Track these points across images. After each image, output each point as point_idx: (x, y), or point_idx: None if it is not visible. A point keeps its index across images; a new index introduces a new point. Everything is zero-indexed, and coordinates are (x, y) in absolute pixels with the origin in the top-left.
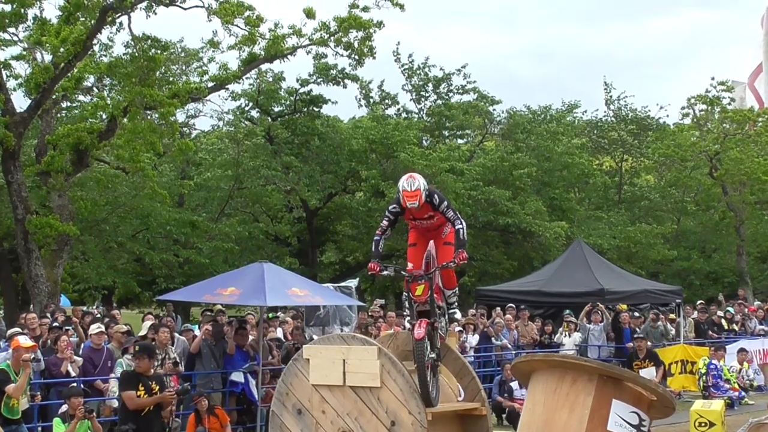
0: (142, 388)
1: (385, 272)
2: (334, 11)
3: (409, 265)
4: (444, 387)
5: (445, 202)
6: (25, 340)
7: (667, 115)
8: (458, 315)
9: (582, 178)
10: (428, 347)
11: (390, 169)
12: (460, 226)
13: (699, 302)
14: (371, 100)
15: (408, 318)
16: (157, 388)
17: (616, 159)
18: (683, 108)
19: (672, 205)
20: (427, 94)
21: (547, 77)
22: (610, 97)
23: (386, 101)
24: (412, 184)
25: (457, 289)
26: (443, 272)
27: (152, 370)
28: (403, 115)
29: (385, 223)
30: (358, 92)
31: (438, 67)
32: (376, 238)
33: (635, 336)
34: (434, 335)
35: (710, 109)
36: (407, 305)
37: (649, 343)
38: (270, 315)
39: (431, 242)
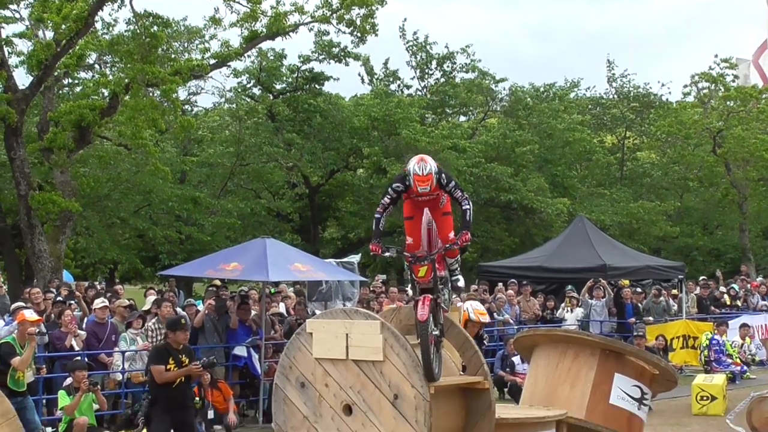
0: (173, 362)
1: (387, 254)
2: None
3: (409, 240)
4: (446, 361)
5: (453, 182)
6: (30, 314)
7: (669, 92)
8: (461, 282)
9: (584, 155)
10: (432, 324)
11: (392, 147)
12: (468, 206)
13: (701, 278)
14: (375, 77)
15: (411, 293)
16: (187, 360)
17: (618, 136)
18: (686, 86)
19: (674, 182)
20: (431, 72)
21: (550, 56)
22: (613, 74)
23: (389, 78)
24: (424, 168)
25: (459, 257)
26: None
27: (181, 344)
28: (406, 91)
29: (386, 200)
30: (361, 69)
31: (442, 44)
32: (377, 216)
33: (636, 333)
34: (437, 311)
35: (714, 87)
36: (411, 282)
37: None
38: (272, 290)
39: (426, 214)
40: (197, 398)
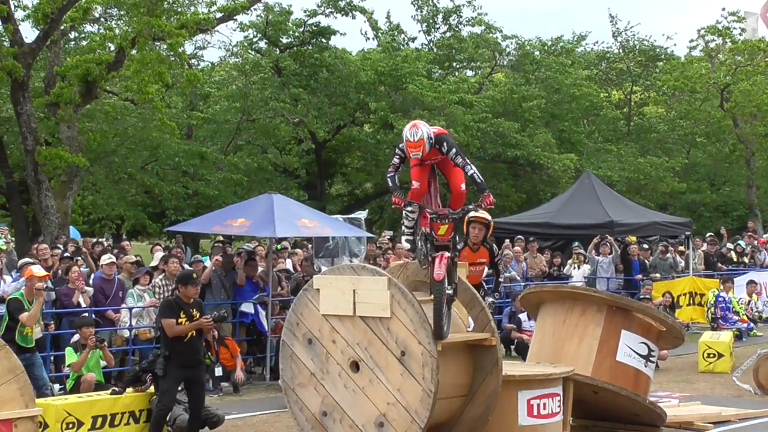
0: (184, 316)
1: (409, 208)
2: None
3: (415, 185)
4: (454, 318)
5: (454, 149)
6: (38, 270)
7: (675, 45)
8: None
9: (591, 110)
10: (446, 283)
11: (399, 101)
12: (472, 171)
13: (708, 234)
14: (379, 32)
15: (420, 252)
16: (198, 314)
17: (624, 90)
18: (692, 40)
19: (681, 137)
20: (437, 26)
21: (558, 7)
22: (617, 29)
23: (394, 32)
24: (415, 134)
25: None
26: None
27: (192, 299)
28: (412, 44)
29: (396, 160)
30: (365, 25)
31: None
32: (390, 174)
33: (641, 297)
34: (453, 269)
35: (721, 41)
36: (422, 240)
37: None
38: (278, 246)
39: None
40: (208, 354)
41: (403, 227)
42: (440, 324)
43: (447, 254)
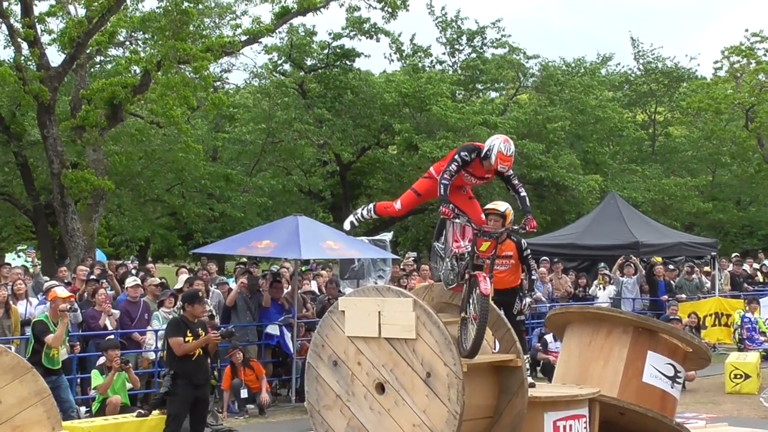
0: (190, 335)
1: (457, 220)
2: None
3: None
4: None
5: (511, 170)
6: (62, 291)
7: (698, 65)
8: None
9: (615, 131)
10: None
11: (423, 123)
12: (525, 193)
13: (734, 255)
14: (404, 53)
15: (450, 271)
16: (204, 333)
17: (648, 112)
18: (716, 61)
19: (706, 158)
20: (461, 48)
21: (580, 29)
22: (638, 51)
23: (418, 54)
24: (509, 148)
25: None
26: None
27: (196, 318)
28: (437, 67)
29: (454, 167)
30: (389, 48)
31: (472, 19)
32: (444, 182)
33: (671, 317)
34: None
35: (745, 61)
36: (454, 259)
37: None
38: (303, 268)
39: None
40: (214, 375)
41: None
42: (481, 340)
43: (486, 274)
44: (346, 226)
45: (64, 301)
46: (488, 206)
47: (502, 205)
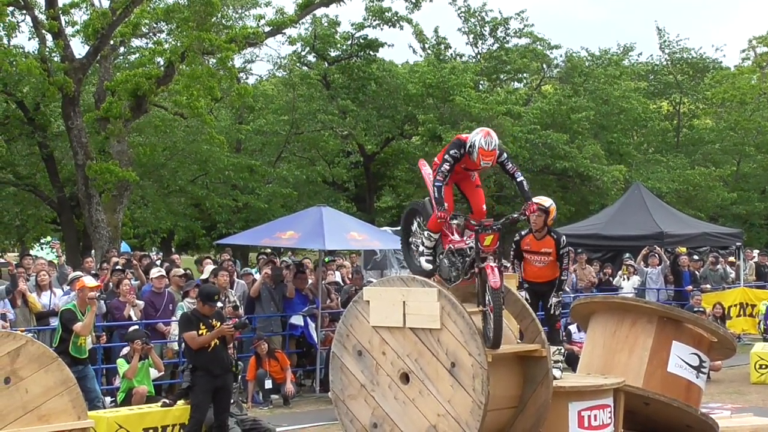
0: (204, 327)
1: (454, 221)
2: None
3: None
4: (504, 329)
5: (505, 154)
6: (89, 280)
7: (724, 56)
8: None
9: (640, 121)
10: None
11: (447, 113)
12: (522, 177)
13: (764, 248)
14: (427, 44)
15: (449, 270)
16: (219, 324)
17: (673, 102)
18: (743, 51)
19: (731, 148)
20: (484, 38)
21: (606, 19)
22: (664, 41)
23: (441, 46)
24: (491, 143)
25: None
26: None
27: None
28: (459, 59)
29: (446, 167)
30: (412, 38)
31: (496, 10)
32: (438, 184)
33: (696, 309)
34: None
35: None
36: (450, 256)
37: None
38: (327, 259)
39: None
40: (235, 363)
41: (421, 248)
42: (501, 331)
43: (494, 264)
44: (426, 267)
45: (92, 290)
46: (534, 199)
47: (546, 201)
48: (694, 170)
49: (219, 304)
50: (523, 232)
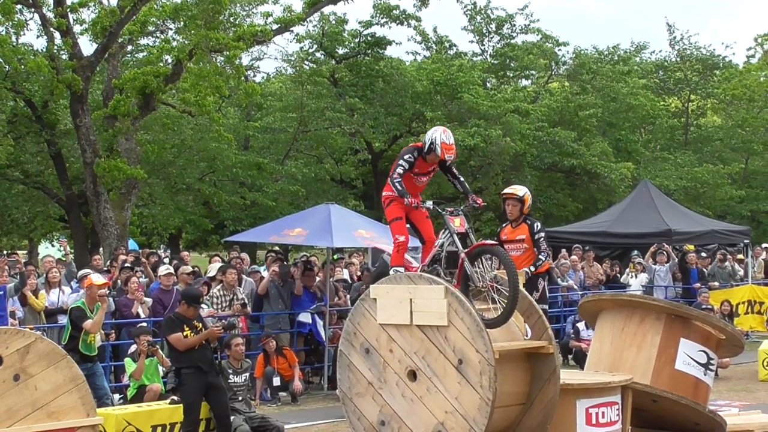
0: (188, 329)
1: (425, 205)
2: None
3: (401, 239)
4: (511, 326)
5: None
6: (97, 278)
7: (734, 54)
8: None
9: (648, 119)
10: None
11: (455, 111)
12: (462, 178)
13: None
14: (429, 43)
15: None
16: (201, 325)
17: (682, 99)
18: (749, 48)
19: (739, 146)
20: (490, 36)
21: (617, 17)
22: (674, 37)
23: (444, 44)
24: (450, 137)
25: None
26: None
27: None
28: (463, 57)
29: (401, 170)
30: (413, 38)
31: (500, 8)
32: (397, 179)
33: (704, 306)
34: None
35: None
36: (451, 240)
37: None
38: (335, 257)
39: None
40: (219, 360)
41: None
42: (516, 294)
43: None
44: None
45: (101, 288)
46: (507, 191)
47: (520, 190)
48: (702, 168)
49: (204, 306)
50: (503, 225)
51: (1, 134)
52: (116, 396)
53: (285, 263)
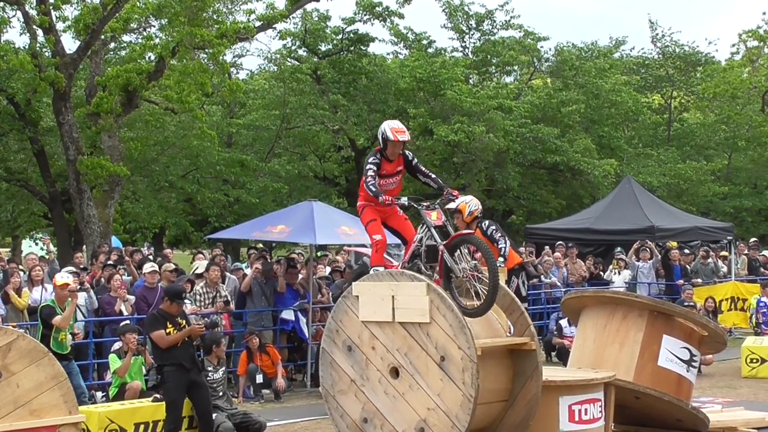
0: (171, 326)
1: (399, 201)
2: None
3: (378, 237)
4: (493, 322)
5: (416, 159)
6: (61, 277)
7: (716, 50)
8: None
9: (630, 116)
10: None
11: (438, 108)
12: (435, 175)
13: (752, 240)
14: (408, 42)
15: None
16: (184, 322)
17: (665, 96)
18: (733, 45)
19: (722, 142)
20: (470, 32)
21: (599, 14)
22: (656, 34)
23: (422, 41)
24: (397, 123)
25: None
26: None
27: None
28: (443, 53)
29: (371, 173)
30: (391, 40)
31: (478, 4)
32: (370, 180)
33: (686, 303)
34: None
35: (762, 45)
36: (429, 234)
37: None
38: (318, 254)
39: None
40: (201, 358)
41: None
42: (496, 279)
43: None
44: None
45: (62, 288)
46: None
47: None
48: (686, 164)
49: (187, 302)
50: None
51: None
52: (99, 394)
53: (268, 260)
